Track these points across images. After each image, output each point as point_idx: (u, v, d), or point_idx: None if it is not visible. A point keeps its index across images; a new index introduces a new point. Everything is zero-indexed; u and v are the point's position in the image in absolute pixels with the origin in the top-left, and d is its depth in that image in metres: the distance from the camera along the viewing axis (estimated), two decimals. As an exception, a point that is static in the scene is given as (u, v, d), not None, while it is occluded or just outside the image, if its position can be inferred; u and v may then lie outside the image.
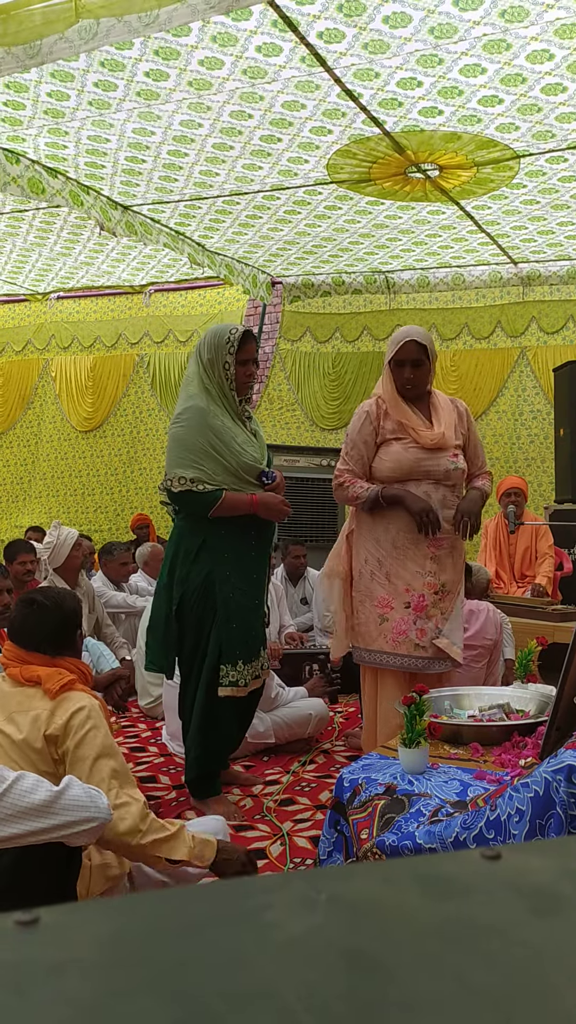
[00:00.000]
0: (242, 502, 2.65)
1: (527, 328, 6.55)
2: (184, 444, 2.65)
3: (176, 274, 6.92)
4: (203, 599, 2.65)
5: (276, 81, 3.53)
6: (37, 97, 3.70)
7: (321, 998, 0.32)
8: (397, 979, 0.33)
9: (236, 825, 2.61)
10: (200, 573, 2.66)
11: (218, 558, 2.66)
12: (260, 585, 2.73)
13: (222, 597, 2.64)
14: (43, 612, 1.84)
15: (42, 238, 5.84)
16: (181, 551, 2.72)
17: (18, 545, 4.52)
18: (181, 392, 2.79)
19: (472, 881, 0.41)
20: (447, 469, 2.66)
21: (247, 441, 2.71)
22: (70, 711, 1.70)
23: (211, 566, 2.66)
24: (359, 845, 1.72)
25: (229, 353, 2.68)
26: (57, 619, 1.84)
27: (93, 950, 0.35)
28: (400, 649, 2.61)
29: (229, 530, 2.67)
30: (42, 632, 1.82)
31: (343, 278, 6.55)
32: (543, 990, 0.34)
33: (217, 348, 2.69)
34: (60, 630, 1.85)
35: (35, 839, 1.49)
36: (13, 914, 0.36)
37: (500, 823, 1.42)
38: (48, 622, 1.83)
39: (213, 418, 2.66)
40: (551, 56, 3.29)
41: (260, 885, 0.41)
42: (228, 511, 2.64)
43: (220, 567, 2.66)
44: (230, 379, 2.69)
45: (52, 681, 1.73)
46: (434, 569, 2.64)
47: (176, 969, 0.33)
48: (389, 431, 2.70)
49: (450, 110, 3.73)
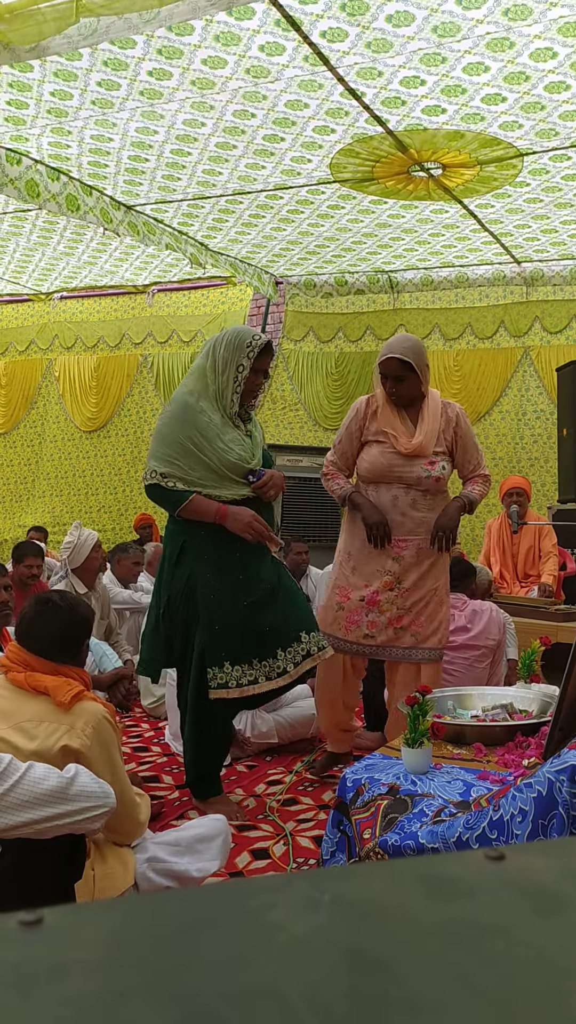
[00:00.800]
0: (208, 509, 2.60)
1: (530, 328, 6.54)
2: (163, 438, 2.64)
3: (179, 274, 6.92)
4: (187, 601, 2.63)
5: (279, 80, 3.53)
6: (40, 96, 3.71)
7: (324, 998, 0.32)
8: (400, 979, 0.33)
9: (239, 825, 2.61)
10: (183, 576, 2.64)
11: (199, 560, 2.63)
12: (249, 586, 2.64)
13: (204, 599, 2.61)
14: (55, 614, 1.80)
15: (45, 238, 5.85)
16: (167, 553, 2.73)
17: (26, 547, 4.53)
18: (184, 380, 2.77)
19: (475, 881, 0.41)
20: (419, 476, 2.80)
21: (235, 440, 2.66)
22: (92, 725, 1.68)
23: (192, 568, 2.64)
24: (362, 845, 1.72)
25: (248, 356, 2.65)
26: (68, 624, 1.81)
27: (96, 950, 0.35)
28: (350, 636, 2.84)
29: (209, 532, 2.63)
30: (50, 635, 1.79)
31: (346, 278, 6.55)
32: (546, 990, 0.33)
33: (237, 347, 2.65)
34: (69, 636, 1.81)
35: (47, 825, 1.51)
36: (16, 914, 0.36)
37: (503, 823, 1.42)
38: (58, 625, 1.79)
39: (199, 414, 2.63)
40: (554, 54, 3.29)
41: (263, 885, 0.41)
42: (193, 514, 2.61)
43: (201, 569, 2.62)
44: (239, 382, 2.65)
45: (62, 692, 1.69)
46: (395, 569, 2.80)
47: (179, 969, 0.33)
48: (372, 432, 2.87)
49: (453, 108, 3.73)
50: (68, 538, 4.00)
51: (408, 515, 2.79)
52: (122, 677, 3.15)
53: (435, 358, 6.79)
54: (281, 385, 7.28)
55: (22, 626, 1.84)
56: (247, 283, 6.34)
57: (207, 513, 2.61)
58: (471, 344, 6.74)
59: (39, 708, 1.70)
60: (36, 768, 1.53)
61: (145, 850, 1.84)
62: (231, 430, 2.67)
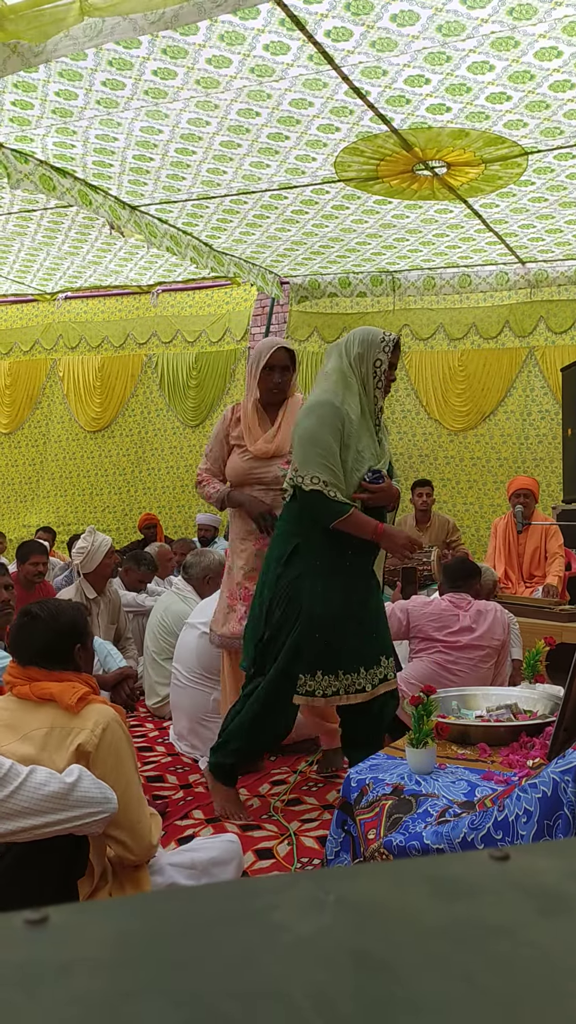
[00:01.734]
0: (367, 525, 2.51)
1: (535, 328, 6.52)
2: (317, 442, 2.51)
3: (184, 273, 6.93)
4: (288, 603, 2.56)
5: (284, 79, 3.53)
6: (45, 96, 3.71)
7: (329, 998, 0.32)
8: (405, 980, 0.33)
9: (243, 825, 2.61)
10: (289, 577, 2.56)
11: (309, 565, 2.55)
12: (351, 598, 2.57)
13: (308, 605, 2.54)
14: (36, 626, 1.76)
15: (50, 237, 5.85)
16: (276, 553, 2.64)
17: (31, 545, 4.54)
18: (314, 387, 2.68)
19: (480, 882, 0.41)
20: (276, 476, 2.94)
21: (367, 447, 2.60)
22: (101, 726, 1.66)
23: (300, 571, 2.55)
24: (366, 845, 1.72)
25: (383, 351, 2.60)
26: (51, 633, 1.76)
27: (101, 949, 0.35)
28: (239, 633, 2.92)
29: (326, 539, 2.55)
30: (35, 645, 1.75)
31: (350, 278, 6.54)
32: (551, 991, 0.33)
33: (371, 344, 2.61)
34: (54, 645, 1.76)
35: (48, 830, 1.51)
36: (22, 913, 0.36)
37: (508, 824, 1.42)
38: (41, 636, 1.75)
39: (346, 417, 2.56)
40: (559, 53, 3.28)
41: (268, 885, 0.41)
42: (351, 528, 2.52)
43: (310, 574, 2.54)
44: (378, 377, 2.61)
45: (68, 695, 1.67)
46: (257, 565, 2.92)
47: (184, 969, 0.33)
48: (235, 437, 3.06)
49: (458, 107, 3.72)
50: (82, 543, 3.99)
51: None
52: (126, 677, 3.16)
53: (439, 358, 6.79)
54: (285, 385, 7.27)
55: (11, 641, 1.81)
56: (251, 283, 6.34)
57: (365, 529, 2.52)
58: (476, 344, 6.73)
59: (47, 716, 1.68)
60: (38, 773, 1.52)
61: (162, 872, 1.83)
62: (365, 436, 2.61)
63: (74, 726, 1.65)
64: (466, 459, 6.68)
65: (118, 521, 7.85)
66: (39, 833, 1.51)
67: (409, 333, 6.87)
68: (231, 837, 2.04)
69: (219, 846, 1.98)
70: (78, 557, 3.98)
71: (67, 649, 1.78)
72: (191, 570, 4.04)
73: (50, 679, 1.73)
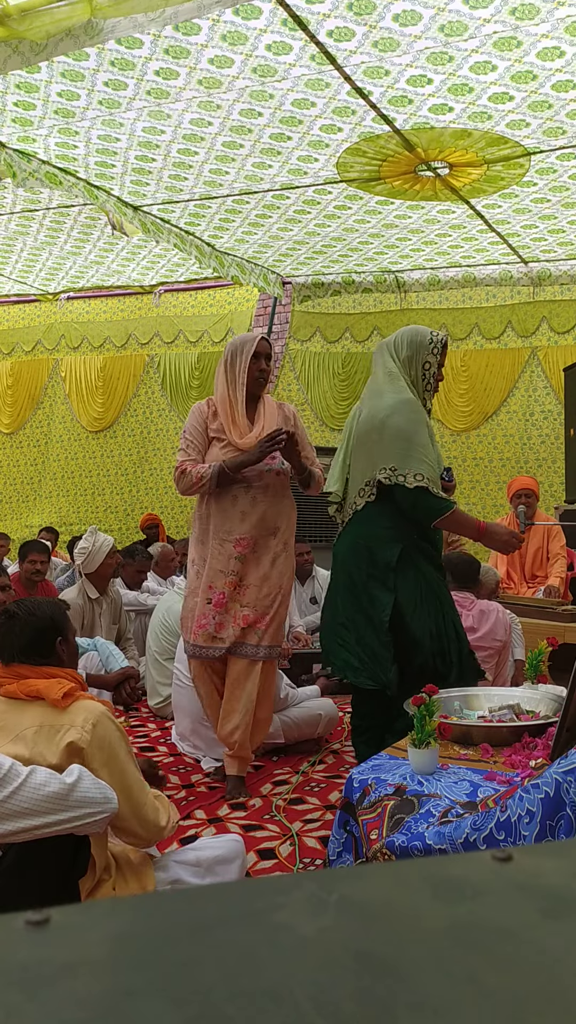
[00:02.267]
0: (469, 523, 2.48)
1: (538, 328, 6.52)
2: (414, 438, 2.46)
3: (186, 274, 6.93)
4: (422, 607, 2.50)
5: (286, 79, 3.53)
6: (47, 97, 3.72)
7: (332, 999, 0.32)
8: (408, 981, 0.33)
9: (245, 824, 2.62)
10: (412, 580, 2.48)
11: (420, 569, 2.51)
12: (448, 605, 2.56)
13: (446, 608, 2.52)
14: (14, 623, 1.78)
15: (52, 238, 5.86)
16: (384, 559, 2.51)
17: (32, 544, 4.55)
18: (384, 386, 2.61)
19: (483, 883, 0.41)
20: (260, 471, 2.85)
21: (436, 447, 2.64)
22: (91, 722, 1.66)
23: (416, 574, 2.50)
24: (369, 845, 1.72)
25: (432, 353, 2.61)
26: (30, 629, 1.78)
27: (103, 950, 0.35)
28: (199, 640, 2.86)
29: (423, 540, 2.53)
30: (16, 643, 1.77)
31: (353, 278, 6.54)
32: (554, 992, 0.33)
33: (419, 347, 2.61)
34: (36, 640, 1.78)
35: (48, 830, 1.51)
36: (23, 914, 0.36)
37: (511, 824, 1.42)
38: (20, 633, 1.77)
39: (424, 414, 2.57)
40: (562, 53, 3.28)
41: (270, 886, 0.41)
42: (452, 525, 2.49)
43: (425, 578, 2.50)
44: (427, 379, 2.61)
45: (54, 691, 1.68)
46: (237, 568, 2.84)
47: (186, 970, 0.33)
48: (215, 431, 2.93)
49: (460, 107, 3.72)
50: (83, 543, 3.99)
51: (248, 513, 2.84)
52: (128, 676, 3.16)
53: (442, 358, 6.78)
54: (288, 385, 7.28)
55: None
56: (253, 284, 6.34)
57: (467, 525, 2.49)
58: (478, 344, 6.72)
59: (36, 714, 1.69)
60: (38, 773, 1.52)
61: (167, 869, 1.84)
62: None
63: (63, 723, 1.66)
64: (468, 459, 6.67)
65: (120, 521, 7.86)
66: (39, 833, 1.51)
67: (411, 333, 6.87)
68: (235, 837, 2.07)
69: (223, 845, 2.00)
70: (80, 557, 3.98)
71: (49, 643, 1.80)
72: (193, 570, 4.03)
73: (36, 675, 1.74)
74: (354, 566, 2.57)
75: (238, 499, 2.85)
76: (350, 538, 2.62)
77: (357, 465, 2.63)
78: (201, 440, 2.93)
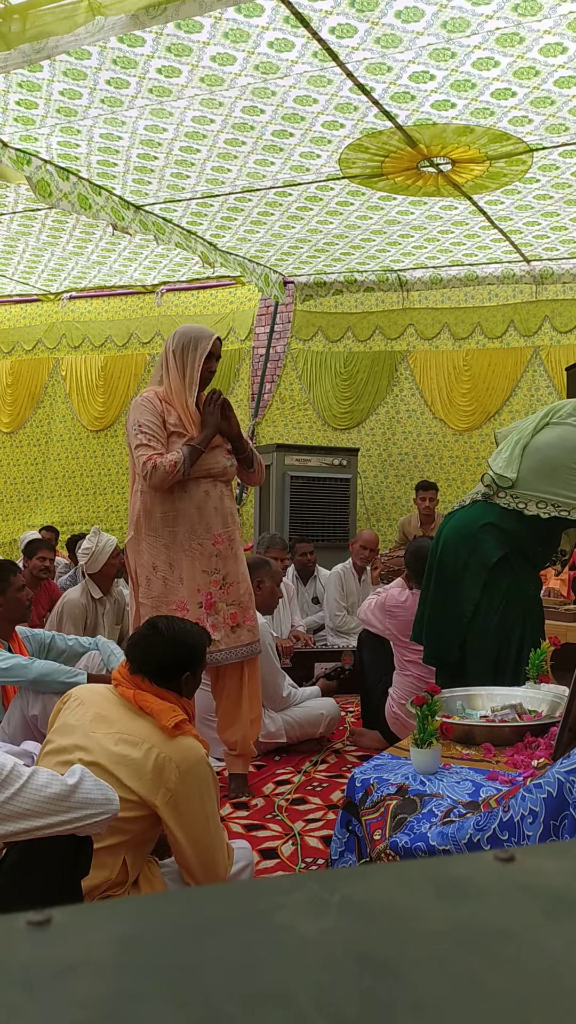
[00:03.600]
0: None
1: (540, 327, 6.51)
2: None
3: (188, 273, 6.92)
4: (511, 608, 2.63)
5: (288, 76, 3.52)
6: (50, 96, 3.72)
7: (334, 1000, 0.32)
8: (410, 981, 0.33)
9: (247, 824, 2.62)
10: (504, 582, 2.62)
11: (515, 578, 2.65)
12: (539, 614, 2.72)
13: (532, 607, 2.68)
14: (155, 638, 1.84)
15: (55, 238, 5.86)
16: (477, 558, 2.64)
17: (38, 542, 4.57)
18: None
19: (485, 883, 0.41)
20: (224, 466, 2.81)
21: None
22: (191, 762, 1.70)
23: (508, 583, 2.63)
24: (372, 846, 1.71)
25: None
26: (169, 654, 1.83)
27: (105, 951, 0.35)
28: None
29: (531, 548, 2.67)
30: (151, 660, 1.82)
31: (355, 277, 6.53)
32: (556, 993, 0.33)
33: None
34: (168, 666, 1.83)
35: (49, 831, 1.51)
36: (25, 914, 0.36)
37: (514, 824, 1.41)
38: (158, 652, 1.83)
39: None
40: (564, 49, 3.27)
41: (273, 886, 0.41)
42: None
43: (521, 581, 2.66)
44: None
45: (167, 717, 1.72)
46: (219, 566, 2.80)
47: (188, 971, 0.33)
48: (173, 424, 2.78)
49: (463, 103, 3.71)
50: (86, 544, 3.99)
51: (219, 508, 2.80)
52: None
53: (445, 358, 6.77)
54: (290, 384, 7.27)
55: (128, 646, 1.90)
56: (254, 285, 6.33)
57: None
58: (481, 344, 6.71)
59: (143, 729, 1.73)
60: (39, 775, 1.52)
61: (179, 880, 1.86)
62: None
63: (165, 750, 1.70)
64: (471, 459, 6.66)
65: (122, 521, 7.86)
66: (39, 834, 1.51)
67: (414, 332, 6.86)
68: (243, 844, 2.07)
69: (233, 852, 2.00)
70: (83, 557, 3.98)
71: (177, 673, 1.84)
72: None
73: (153, 692, 1.79)
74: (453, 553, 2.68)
75: (210, 495, 2.79)
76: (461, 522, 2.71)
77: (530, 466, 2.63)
78: (161, 433, 2.79)
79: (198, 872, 1.77)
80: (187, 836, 1.72)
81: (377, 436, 6.95)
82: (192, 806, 1.71)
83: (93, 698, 1.82)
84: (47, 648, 2.97)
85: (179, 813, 1.69)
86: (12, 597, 2.88)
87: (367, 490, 6.80)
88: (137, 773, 1.67)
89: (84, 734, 1.74)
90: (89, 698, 1.83)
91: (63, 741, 1.76)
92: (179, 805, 1.68)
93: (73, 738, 1.75)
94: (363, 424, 7.05)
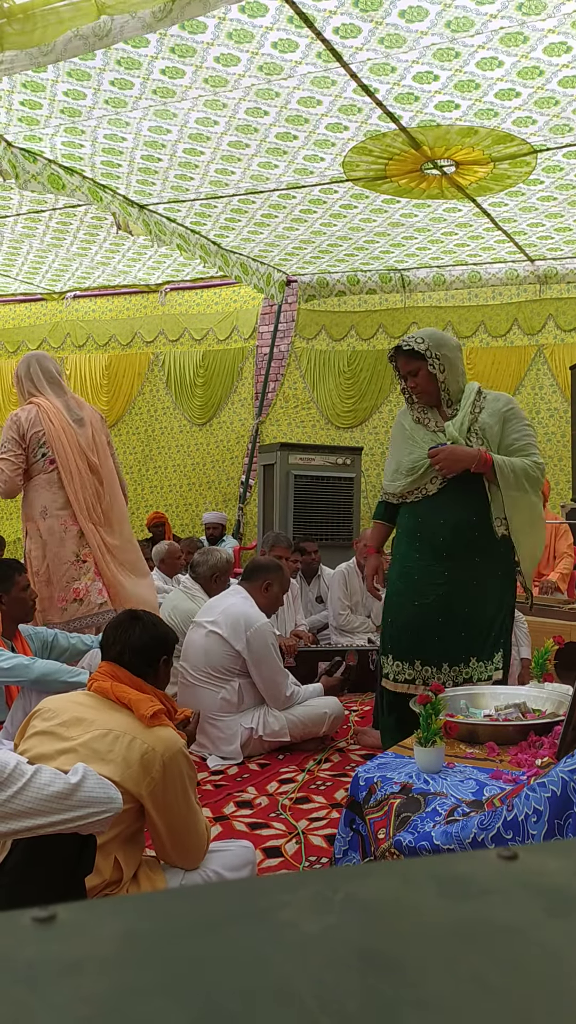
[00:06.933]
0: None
1: (544, 326, 6.50)
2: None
3: (192, 273, 6.93)
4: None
5: (292, 77, 3.52)
6: (54, 96, 3.72)
7: (337, 997, 0.32)
8: (413, 979, 0.33)
9: (251, 822, 2.62)
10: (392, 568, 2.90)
11: (395, 555, 2.88)
12: (423, 588, 2.76)
13: (388, 590, 2.88)
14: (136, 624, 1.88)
15: (59, 239, 5.87)
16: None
17: None
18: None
19: (488, 881, 0.41)
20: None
21: None
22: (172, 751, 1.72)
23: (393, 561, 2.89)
24: (376, 844, 1.72)
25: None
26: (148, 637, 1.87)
27: (109, 948, 0.35)
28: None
29: (402, 528, 2.86)
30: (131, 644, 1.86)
31: (358, 276, 6.53)
32: (560, 991, 0.33)
33: None
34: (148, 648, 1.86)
35: (52, 829, 1.51)
36: (30, 911, 0.36)
37: (518, 823, 1.41)
38: (138, 636, 1.87)
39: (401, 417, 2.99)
40: (568, 48, 3.26)
41: (276, 884, 0.41)
42: None
43: (392, 563, 2.88)
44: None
45: (145, 707, 1.74)
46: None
47: (192, 967, 0.33)
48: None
49: (467, 104, 3.71)
50: None
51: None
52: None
53: (448, 356, 6.76)
54: (294, 384, 7.27)
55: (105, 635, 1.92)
56: (254, 286, 6.33)
57: None
58: (484, 342, 6.71)
59: (120, 719, 1.74)
60: (42, 773, 1.53)
61: (178, 875, 1.87)
62: None
63: (149, 742, 1.71)
64: (474, 457, 6.65)
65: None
66: (42, 832, 1.52)
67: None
68: (245, 843, 2.07)
69: (234, 850, 2.01)
70: None
71: (155, 657, 1.88)
72: (199, 568, 4.04)
73: (130, 683, 1.81)
74: None
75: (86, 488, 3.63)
76: None
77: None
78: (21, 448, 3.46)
79: (173, 855, 1.81)
80: (167, 824, 1.74)
81: (381, 435, 6.94)
82: (175, 795, 1.72)
83: (64, 706, 1.82)
84: (49, 647, 2.98)
85: (163, 802, 1.71)
86: (16, 596, 2.89)
87: (371, 489, 6.79)
88: (123, 766, 1.68)
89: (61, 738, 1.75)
90: (60, 706, 1.83)
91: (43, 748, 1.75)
92: (163, 794, 1.70)
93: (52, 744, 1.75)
94: (367, 423, 7.05)
